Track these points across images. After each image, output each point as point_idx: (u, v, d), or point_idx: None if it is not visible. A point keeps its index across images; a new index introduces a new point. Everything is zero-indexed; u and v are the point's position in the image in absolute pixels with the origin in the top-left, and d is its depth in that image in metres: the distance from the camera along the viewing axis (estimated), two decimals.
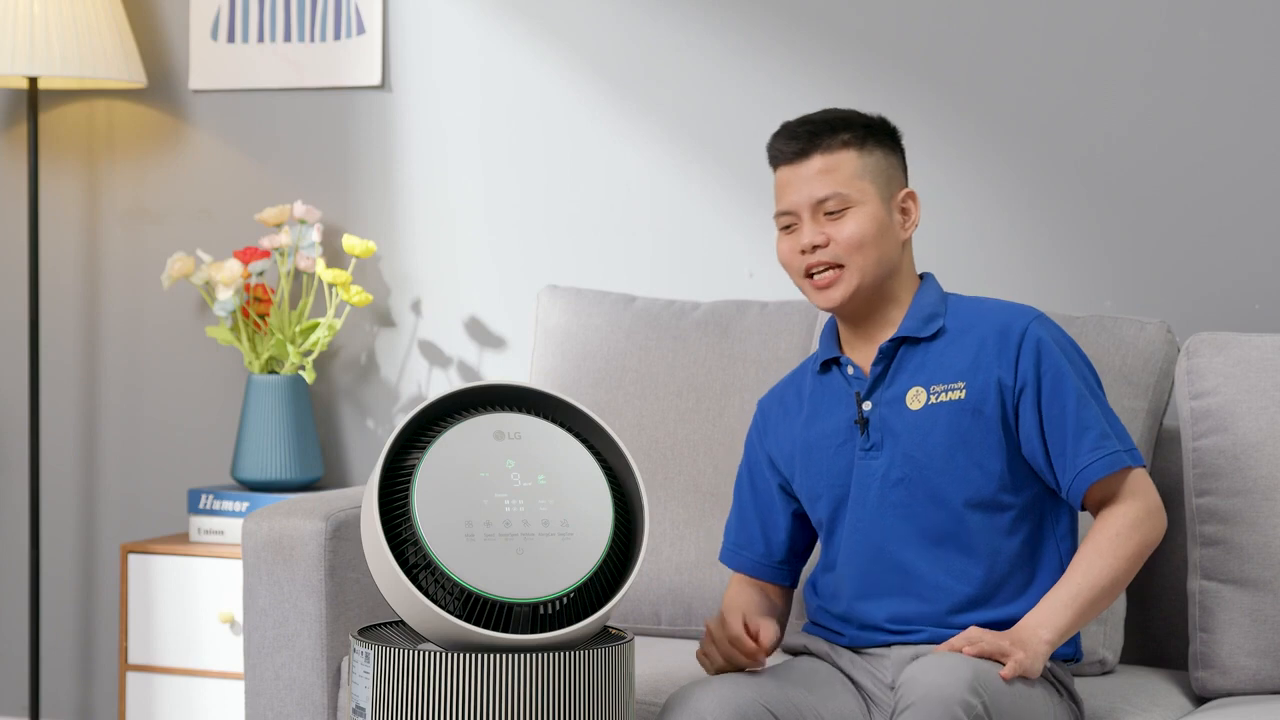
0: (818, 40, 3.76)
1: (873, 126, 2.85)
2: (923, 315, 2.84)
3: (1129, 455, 2.77)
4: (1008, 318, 2.82)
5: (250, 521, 3.20)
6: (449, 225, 4.05)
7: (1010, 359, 2.79)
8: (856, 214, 2.80)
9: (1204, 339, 3.13)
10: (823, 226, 2.81)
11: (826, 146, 2.81)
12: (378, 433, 4.11)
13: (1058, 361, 2.78)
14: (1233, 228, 3.51)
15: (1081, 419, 2.76)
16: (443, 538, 2.53)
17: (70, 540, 4.33)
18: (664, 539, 3.33)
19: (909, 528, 2.78)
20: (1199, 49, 3.52)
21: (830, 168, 2.81)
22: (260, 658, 3.18)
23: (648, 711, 2.89)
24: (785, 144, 2.84)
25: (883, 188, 2.83)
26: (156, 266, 4.22)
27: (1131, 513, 2.76)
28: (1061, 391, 2.77)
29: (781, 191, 2.85)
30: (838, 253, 2.80)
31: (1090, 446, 2.75)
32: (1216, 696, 3.06)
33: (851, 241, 2.79)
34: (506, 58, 3.99)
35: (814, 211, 2.81)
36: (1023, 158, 3.64)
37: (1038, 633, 2.68)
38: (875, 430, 2.81)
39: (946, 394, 2.79)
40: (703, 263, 3.84)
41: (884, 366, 2.83)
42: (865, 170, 2.82)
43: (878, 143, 2.84)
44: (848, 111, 2.87)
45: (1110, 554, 2.73)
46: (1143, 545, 2.76)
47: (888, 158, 2.85)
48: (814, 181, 2.81)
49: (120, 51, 4.07)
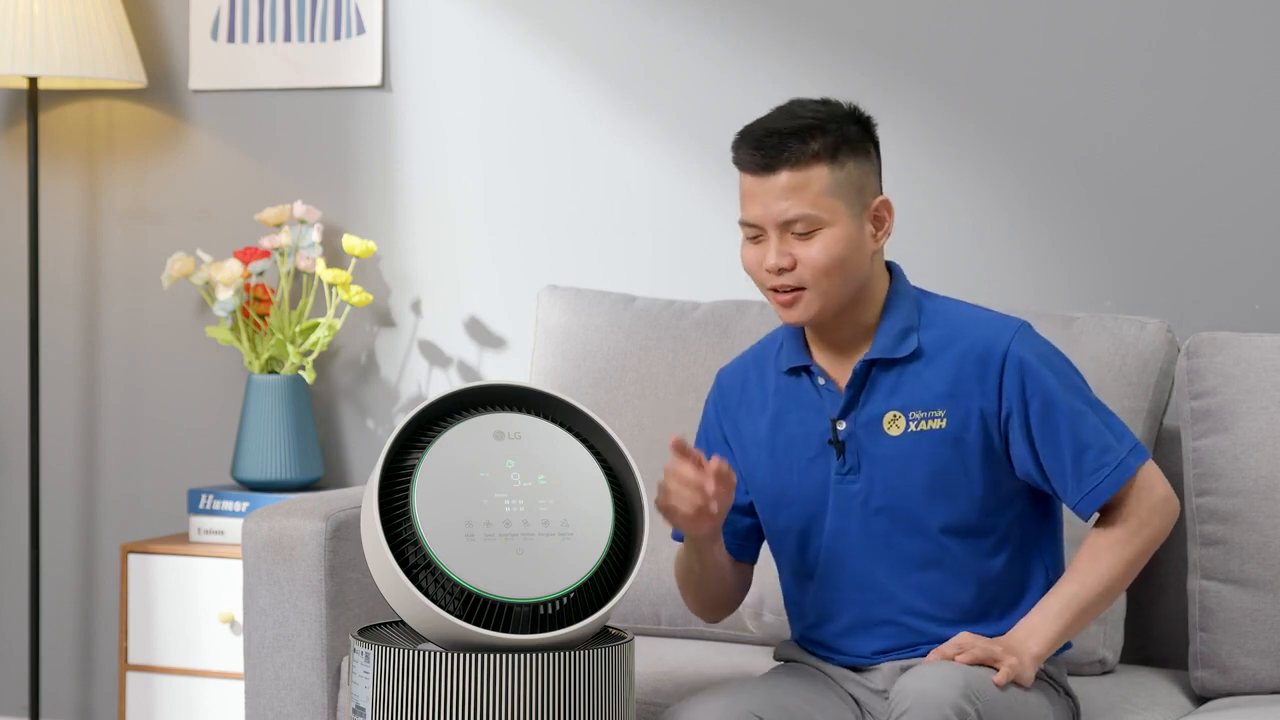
0: (818, 40, 3.76)
1: (845, 133, 2.67)
2: (895, 332, 2.72)
3: (1132, 456, 2.69)
4: (987, 335, 2.71)
5: (250, 521, 3.20)
6: (449, 225, 4.05)
7: (993, 385, 2.69)
8: (825, 236, 2.64)
9: (1204, 339, 3.13)
10: (789, 246, 2.65)
11: (795, 160, 2.64)
12: (378, 433, 4.11)
13: (1043, 381, 2.68)
14: (1233, 228, 3.51)
15: (1079, 438, 2.67)
16: (443, 538, 2.53)
17: (70, 540, 4.33)
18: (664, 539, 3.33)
19: (894, 556, 2.72)
20: (1199, 49, 3.52)
21: (798, 185, 2.64)
22: (260, 658, 3.18)
23: (648, 711, 2.89)
24: (750, 154, 2.67)
25: (854, 202, 2.66)
26: (156, 266, 4.22)
27: (1134, 517, 2.70)
28: (1053, 414, 2.67)
29: (746, 201, 2.68)
30: (803, 276, 2.66)
31: (1093, 467, 2.67)
32: (1216, 696, 3.06)
33: (818, 266, 2.65)
34: (506, 58, 3.99)
35: (780, 230, 2.65)
36: (1023, 158, 3.64)
37: (1027, 644, 2.64)
38: (851, 454, 2.72)
39: (927, 422, 2.70)
40: (703, 263, 3.84)
41: (857, 388, 2.72)
42: (836, 187, 2.65)
43: (850, 151, 2.67)
44: (817, 112, 2.69)
45: (1107, 560, 2.69)
46: (1148, 543, 2.70)
47: (860, 166, 2.68)
48: (781, 200, 2.64)
49: (120, 51, 4.07)
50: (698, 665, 3.09)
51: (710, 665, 3.10)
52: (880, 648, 2.74)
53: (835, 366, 2.76)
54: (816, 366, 2.76)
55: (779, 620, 3.22)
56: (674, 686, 2.95)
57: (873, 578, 2.73)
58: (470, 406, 2.66)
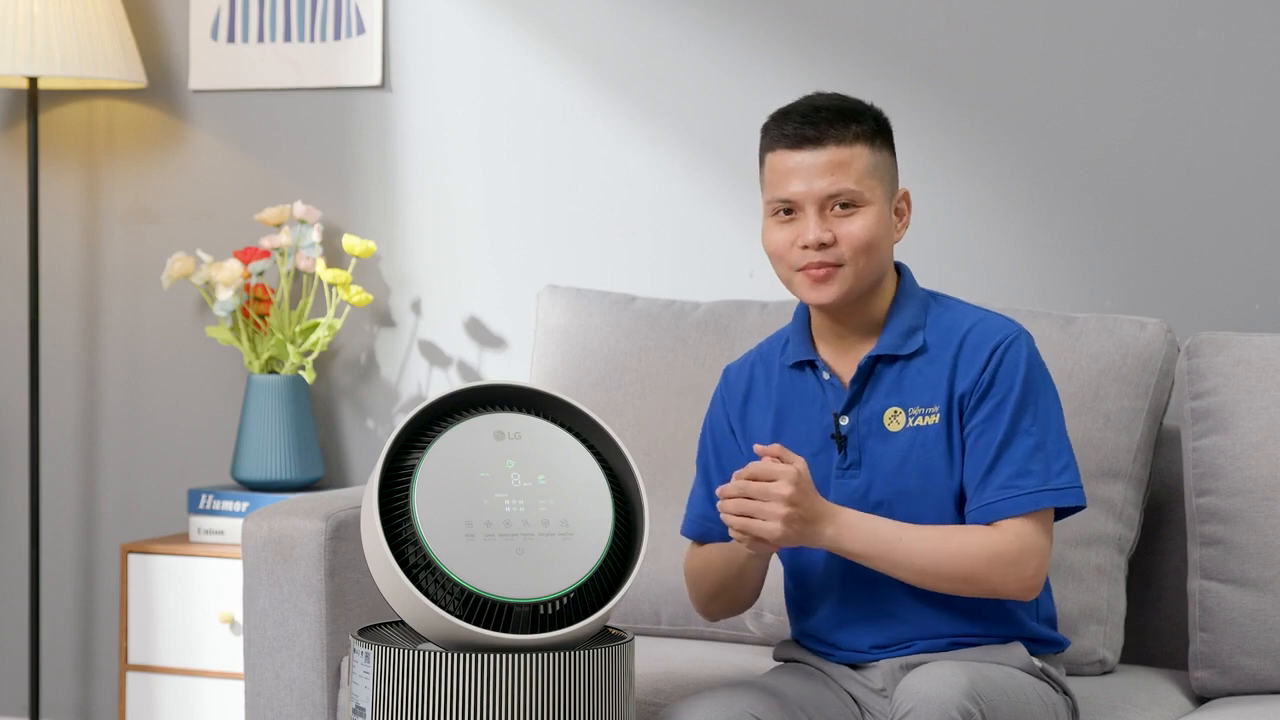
0: (818, 40, 3.76)
1: (880, 121, 2.73)
2: (903, 329, 2.74)
3: (1041, 497, 2.65)
4: (987, 330, 2.72)
5: (250, 521, 3.20)
6: (449, 225, 4.05)
7: (975, 371, 2.69)
8: (865, 214, 2.68)
9: (1204, 339, 3.13)
10: (829, 223, 2.68)
11: (840, 137, 2.68)
12: (378, 433, 4.11)
13: (1015, 382, 2.67)
14: (1233, 228, 3.51)
15: (1009, 449, 2.65)
16: (443, 538, 2.53)
17: (70, 540, 4.33)
18: (664, 539, 3.33)
19: None
20: (1200, 50, 3.52)
21: (844, 161, 2.67)
22: (260, 658, 3.18)
23: (648, 711, 2.89)
24: (795, 128, 2.69)
25: (888, 187, 2.73)
26: (156, 266, 4.22)
27: (1001, 548, 2.64)
28: (997, 418, 2.66)
29: (782, 178, 2.70)
30: (842, 253, 2.68)
31: (1001, 483, 2.65)
32: (1216, 696, 3.06)
33: (858, 243, 2.67)
34: (506, 58, 3.99)
35: (821, 206, 2.68)
36: (1023, 158, 3.64)
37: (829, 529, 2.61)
38: (853, 449, 2.74)
39: (924, 418, 2.71)
40: (703, 263, 3.84)
41: (861, 383, 2.74)
42: (876, 168, 2.70)
43: (885, 139, 2.73)
44: (856, 100, 2.74)
45: (951, 554, 2.63)
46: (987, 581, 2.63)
47: (891, 156, 2.74)
48: (825, 174, 2.67)
49: (120, 51, 4.07)
50: (698, 665, 3.09)
51: (710, 665, 3.10)
52: (877, 642, 2.75)
53: (840, 362, 2.78)
54: (822, 361, 2.77)
55: (779, 620, 3.22)
56: (674, 686, 2.95)
57: (870, 572, 2.73)
58: (470, 406, 2.66)
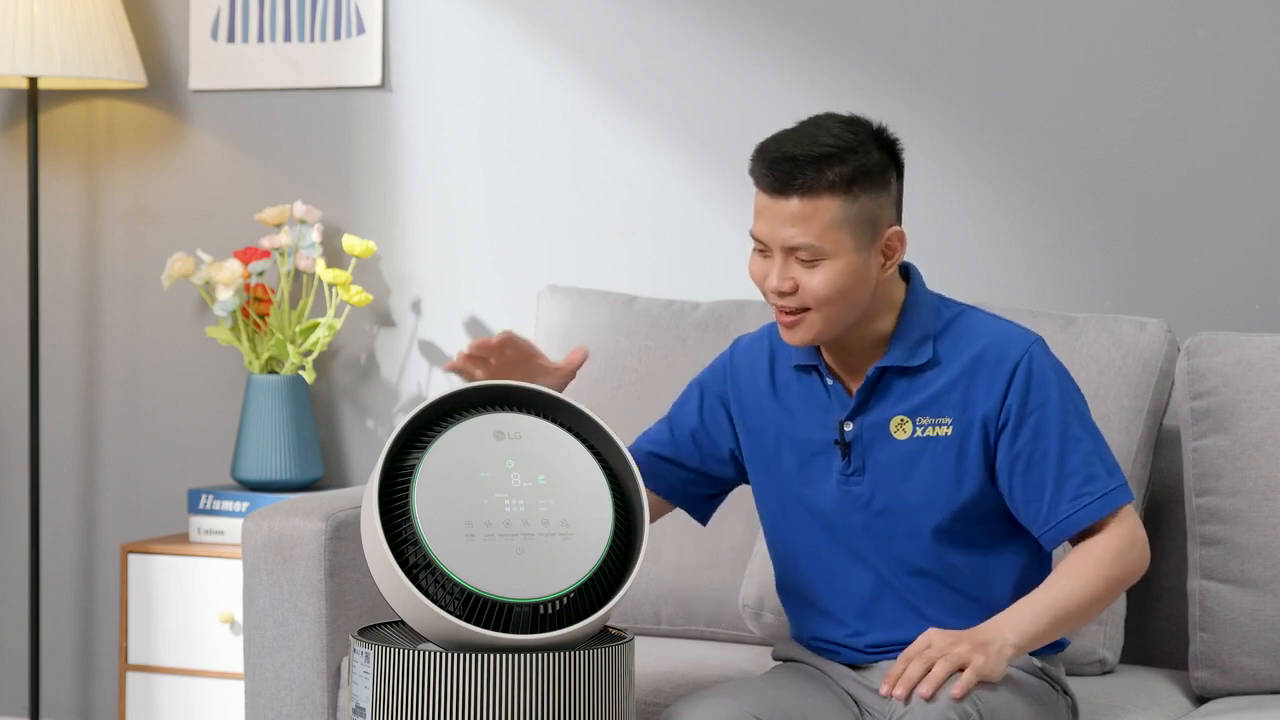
0: (819, 40, 3.76)
1: (865, 163, 2.61)
2: (911, 341, 2.70)
3: (1115, 495, 2.66)
4: (1002, 342, 2.69)
5: (250, 521, 3.20)
6: (449, 225, 4.05)
7: (1000, 390, 2.66)
8: (827, 268, 2.61)
9: (1204, 339, 3.13)
10: (792, 270, 2.62)
11: (807, 188, 2.59)
12: (378, 433, 4.11)
13: (1048, 394, 2.66)
14: (1233, 228, 3.51)
15: (1066, 463, 2.65)
16: (443, 538, 2.53)
17: (70, 540, 4.33)
18: (664, 539, 3.33)
19: (892, 558, 2.72)
20: (1200, 50, 3.52)
21: (807, 214, 2.59)
22: (260, 658, 3.18)
23: (648, 711, 2.89)
24: (764, 171, 2.62)
25: (863, 235, 2.62)
26: (156, 266, 4.22)
27: (1115, 541, 2.65)
28: (1045, 433, 2.65)
29: (757, 215, 2.65)
30: (804, 300, 2.64)
31: (1073, 494, 2.65)
32: (1216, 696, 3.06)
33: (818, 295, 2.62)
34: (506, 58, 3.99)
35: (785, 254, 2.63)
36: (1023, 158, 3.64)
37: (1004, 634, 2.59)
38: (857, 456, 2.72)
39: (934, 428, 2.69)
40: (703, 263, 3.84)
41: (868, 393, 2.71)
42: (845, 220, 2.60)
43: (867, 183, 2.61)
44: (839, 137, 2.62)
45: (1090, 573, 2.64)
46: (1125, 572, 2.66)
47: (876, 199, 2.63)
48: (788, 225, 2.61)
49: (120, 51, 4.07)
50: (698, 665, 3.09)
51: (710, 665, 3.10)
52: (875, 641, 2.75)
53: (846, 369, 2.75)
54: (825, 367, 2.76)
55: (779, 620, 3.22)
56: (674, 686, 2.95)
57: (870, 577, 2.73)
58: (470, 406, 2.66)
